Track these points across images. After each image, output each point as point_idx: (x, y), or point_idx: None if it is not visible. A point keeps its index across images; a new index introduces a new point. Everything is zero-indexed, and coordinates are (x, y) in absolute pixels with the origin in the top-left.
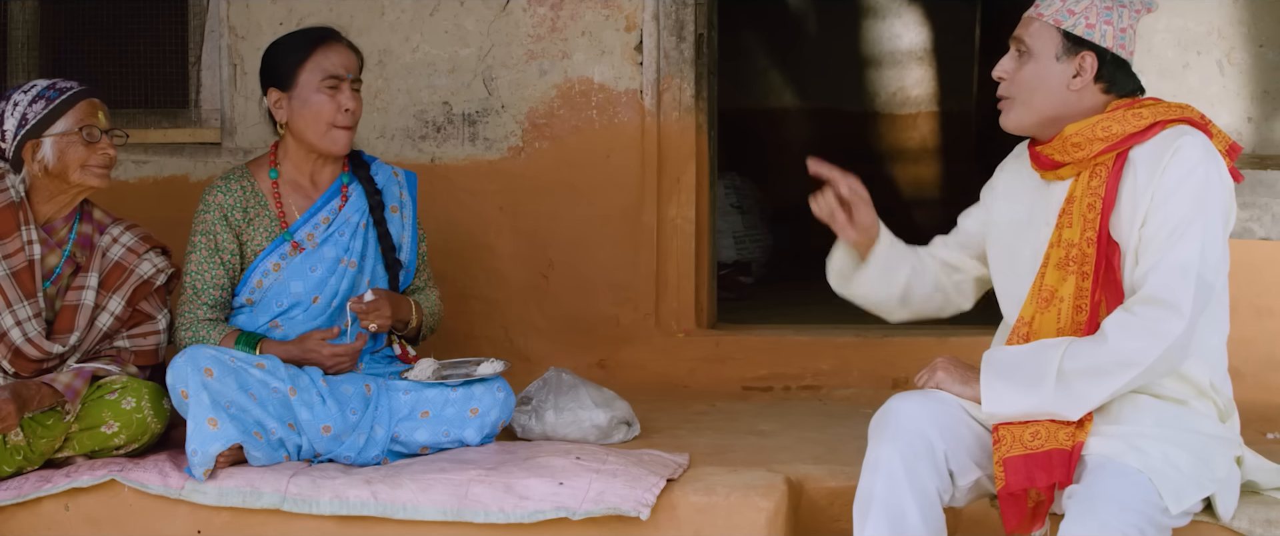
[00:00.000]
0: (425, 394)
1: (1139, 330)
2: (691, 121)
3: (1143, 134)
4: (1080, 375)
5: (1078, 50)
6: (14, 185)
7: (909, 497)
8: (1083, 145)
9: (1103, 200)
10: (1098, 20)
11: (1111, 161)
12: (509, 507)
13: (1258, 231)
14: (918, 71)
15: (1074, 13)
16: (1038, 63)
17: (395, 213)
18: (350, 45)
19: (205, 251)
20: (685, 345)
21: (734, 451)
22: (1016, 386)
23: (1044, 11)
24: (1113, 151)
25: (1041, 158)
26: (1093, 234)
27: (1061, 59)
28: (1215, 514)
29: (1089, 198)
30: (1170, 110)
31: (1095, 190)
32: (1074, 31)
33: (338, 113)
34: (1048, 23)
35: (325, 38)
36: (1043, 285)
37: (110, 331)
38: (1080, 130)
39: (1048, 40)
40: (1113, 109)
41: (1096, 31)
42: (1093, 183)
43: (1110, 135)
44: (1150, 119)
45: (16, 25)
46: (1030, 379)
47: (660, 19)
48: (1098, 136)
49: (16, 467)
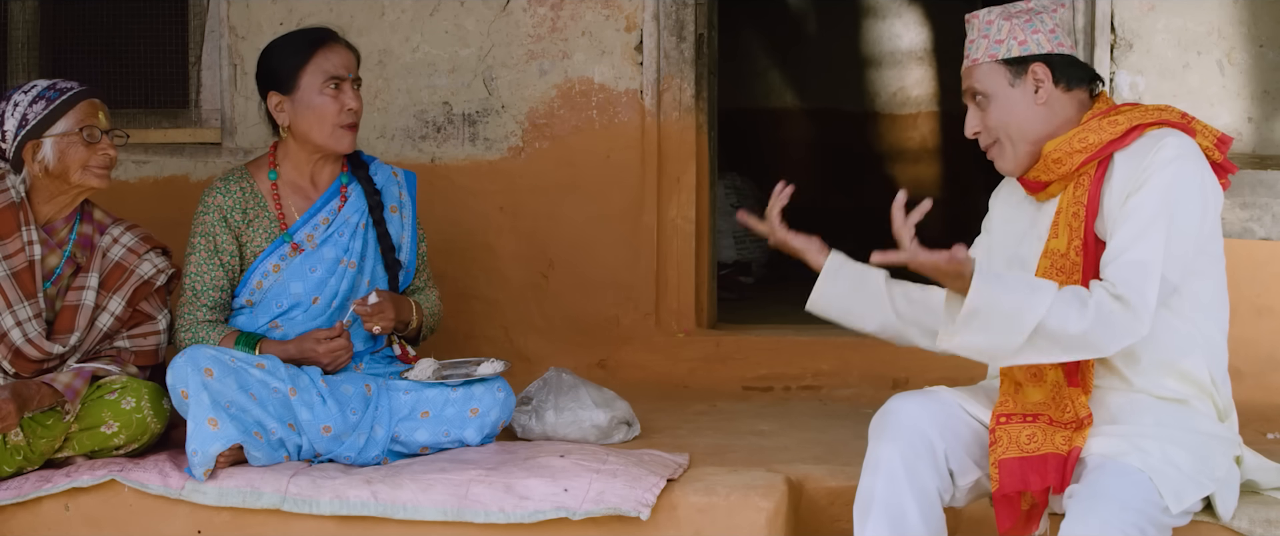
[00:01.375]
0: (425, 394)
1: (1115, 326)
2: (692, 121)
3: (1122, 139)
4: (1049, 341)
5: (1025, 67)
6: (14, 185)
7: (909, 497)
8: (1063, 160)
9: (1085, 207)
10: (1025, 35)
11: (1094, 170)
12: (509, 507)
13: (1258, 231)
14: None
15: (1001, 41)
16: (998, 101)
17: (394, 213)
18: (348, 44)
19: (204, 253)
20: (685, 345)
21: (734, 451)
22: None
23: (977, 56)
24: (1094, 160)
25: (1029, 182)
26: (1079, 242)
27: (1015, 84)
28: (1215, 513)
29: (1073, 207)
30: (1147, 113)
31: (1079, 199)
32: (1011, 56)
33: (342, 113)
34: (985, 61)
35: (324, 39)
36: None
37: (110, 331)
38: (1058, 145)
39: (995, 76)
40: (1088, 119)
41: (1030, 44)
42: (1077, 192)
43: (1088, 145)
44: (1127, 124)
45: (17, 25)
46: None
47: (660, 19)
48: (1076, 149)
49: (17, 467)
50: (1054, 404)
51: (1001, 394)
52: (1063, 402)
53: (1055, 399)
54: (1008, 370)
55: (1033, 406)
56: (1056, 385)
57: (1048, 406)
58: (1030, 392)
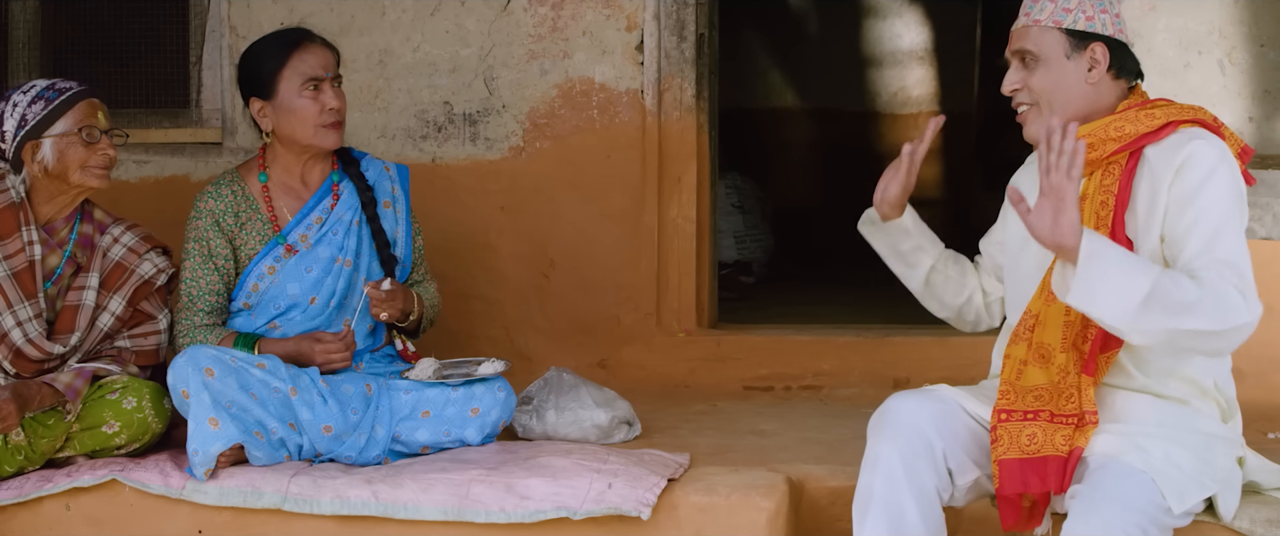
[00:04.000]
0: (426, 393)
1: (1228, 303)
2: (692, 121)
3: (1156, 133)
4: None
5: (1085, 44)
6: (14, 186)
7: (908, 495)
8: (1096, 146)
9: (1116, 197)
10: (1094, 11)
11: (1125, 160)
12: (510, 507)
13: (1259, 231)
14: (919, 71)
15: (1070, 10)
16: (1050, 67)
17: (388, 208)
18: (324, 42)
19: (199, 258)
20: (686, 345)
21: (735, 451)
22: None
23: (1040, 16)
24: (1126, 150)
25: None
26: (1106, 231)
27: (1072, 56)
28: (1217, 514)
29: (1101, 195)
30: (1183, 111)
31: (1108, 188)
32: (1076, 27)
33: (323, 113)
34: (1047, 25)
35: (299, 41)
36: (1051, 278)
37: (111, 331)
38: (1093, 130)
39: (1053, 42)
40: (1124, 109)
41: (1097, 22)
42: (1105, 180)
43: (1124, 135)
44: (1163, 119)
45: (17, 25)
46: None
47: (661, 19)
48: (1111, 136)
49: (18, 467)
50: (1057, 393)
51: (1002, 384)
52: (1066, 391)
53: (1059, 385)
54: (1013, 346)
55: (1033, 396)
56: (1063, 370)
57: (1049, 396)
58: (1032, 375)
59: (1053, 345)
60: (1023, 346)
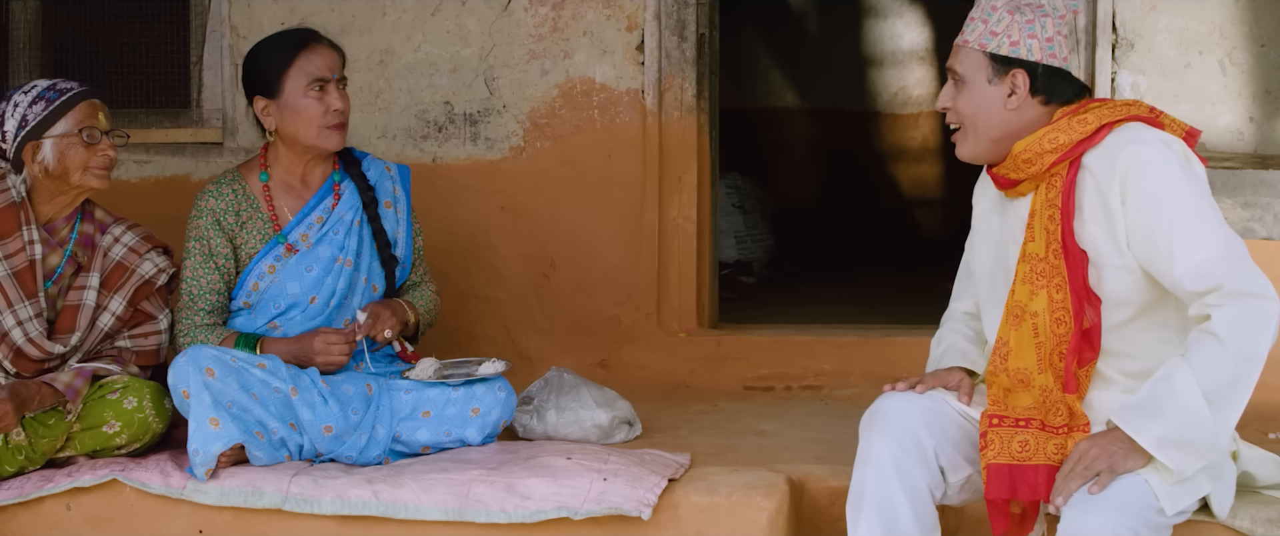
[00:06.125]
0: (427, 393)
1: (1250, 323)
2: (693, 121)
3: (1091, 139)
4: (1222, 392)
5: (1007, 69)
6: (15, 185)
7: (900, 493)
8: (1033, 160)
9: (1061, 210)
10: (1020, 36)
11: (1065, 170)
12: (511, 507)
13: (1259, 231)
14: (919, 71)
15: (996, 34)
16: (972, 89)
17: (389, 208)
18: (330, 43)
19: (199, 257)
20: (687, 345)
21: (735, 451)
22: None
23: (969, 38)
24: (1064, 160)
25: (999, 178)
26: (1057, 245)
27: (993, 81)
28: (1212, 512)
29: (1048, 210)
30: (1116, 110)
31: (1053, 201)
32: (1000, 52)
33: (327, 114)
34: (973, 48)
35: (306, 41)
36: (1013, 302)
37: (112, 331)
38: (1028, 145)
39: (977, 65)
40: (1058, 118)
41: (1021, 47)
42: (1049, 194)
43: (1058, 146)
44: (1095, 123)
45: (18, 25)
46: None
47: (662, 19)
48: (1046, 149)
49: (18, 467)
50: (1045, 409)
51: (990, 398)
52: (1054, 407)
53: (1044, 404)
54: (993, 376)
55: (1022, 412)
56: (1045, 390)
57: (1038, 411)
58: (1018, 398)
59: (1030, 369)
60: (1002, 376)
